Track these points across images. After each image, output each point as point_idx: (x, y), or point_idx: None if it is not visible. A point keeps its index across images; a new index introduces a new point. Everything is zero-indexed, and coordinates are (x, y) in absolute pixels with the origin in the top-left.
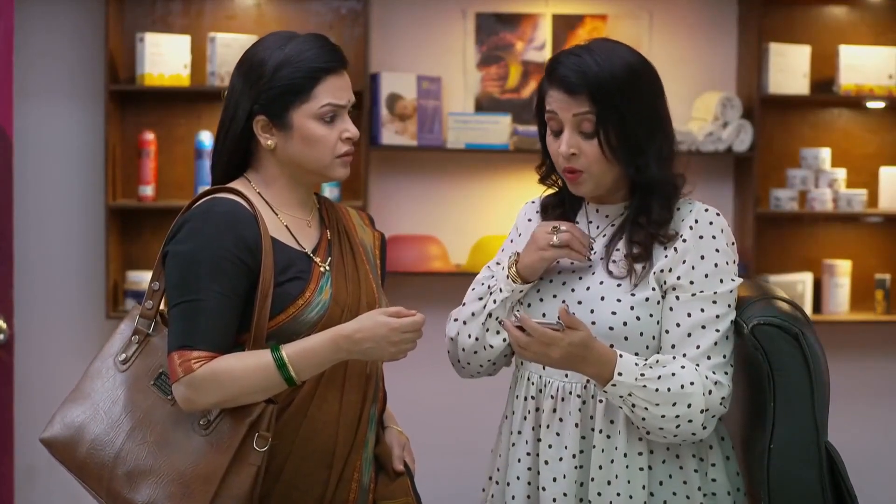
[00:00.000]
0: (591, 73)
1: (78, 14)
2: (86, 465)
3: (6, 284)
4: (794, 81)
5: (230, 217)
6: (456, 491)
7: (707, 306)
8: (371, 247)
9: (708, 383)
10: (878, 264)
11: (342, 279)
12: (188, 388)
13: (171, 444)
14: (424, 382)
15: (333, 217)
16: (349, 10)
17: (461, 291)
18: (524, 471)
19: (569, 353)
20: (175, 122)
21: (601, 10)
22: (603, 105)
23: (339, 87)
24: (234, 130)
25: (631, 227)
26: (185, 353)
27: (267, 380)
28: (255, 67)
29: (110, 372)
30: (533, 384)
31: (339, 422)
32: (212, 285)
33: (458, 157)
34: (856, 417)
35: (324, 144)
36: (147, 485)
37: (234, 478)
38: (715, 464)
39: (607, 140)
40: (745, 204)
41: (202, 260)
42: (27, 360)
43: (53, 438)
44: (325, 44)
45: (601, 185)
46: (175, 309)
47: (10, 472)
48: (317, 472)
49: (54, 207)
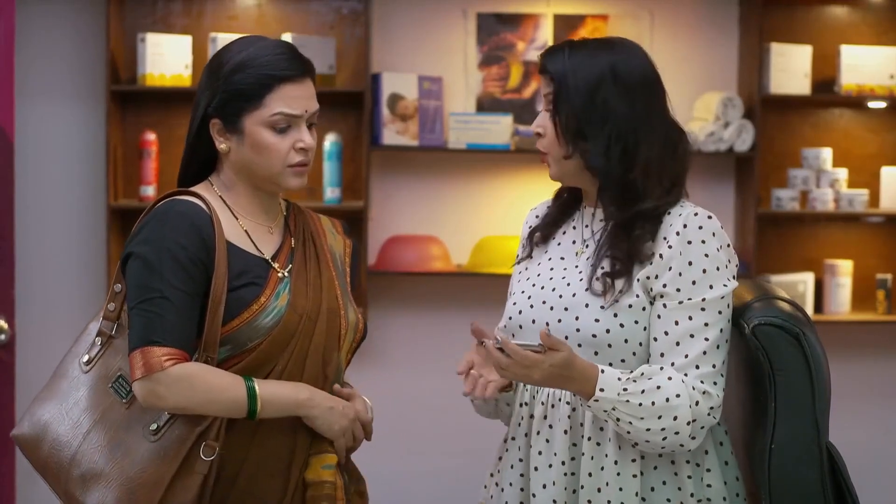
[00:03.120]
0: (559, 58)
1: (79, 14)
2: (47, 465)
3: (7, 284)
4: (795, 81)
5: (187, 218)
6: (456, 491)
7: (695, 314)
8: (341, 254)
9: (695, 394)
10: (880, 264)
11: (302, 285)
12: (158, 385)
13: (123, 449)
14: (425, 382)
15: (300, 223)
16: (350, 11)
17: (462, 292)
18: (517, 477)
19: (550, 374)
20: (176, 123)
21: (602, 10)
22: (560, 87)
23: (294, 96)
24: (194, 131)
25: (612, 238)
26: (150, 349)
27: (234, 403)
28: (215, 69)
29: (75, 372)
30: (527, 390)
31: (296, 428)
32: (174, 282)
33: (460, 158)
34: (857, 417)
35: (273, 153)
36: (97, 488)
37: (180, 485)
38: (710, 469)
39: (561, 121)
40: (746, 204)
41: (162, 259)
42: (28, 360)
43: (21, 435)
44: (285, 51)
45: (564, 171)
46: (136, 308)
47: (12, 471)
48: (273, 478)
49: (55, 208)
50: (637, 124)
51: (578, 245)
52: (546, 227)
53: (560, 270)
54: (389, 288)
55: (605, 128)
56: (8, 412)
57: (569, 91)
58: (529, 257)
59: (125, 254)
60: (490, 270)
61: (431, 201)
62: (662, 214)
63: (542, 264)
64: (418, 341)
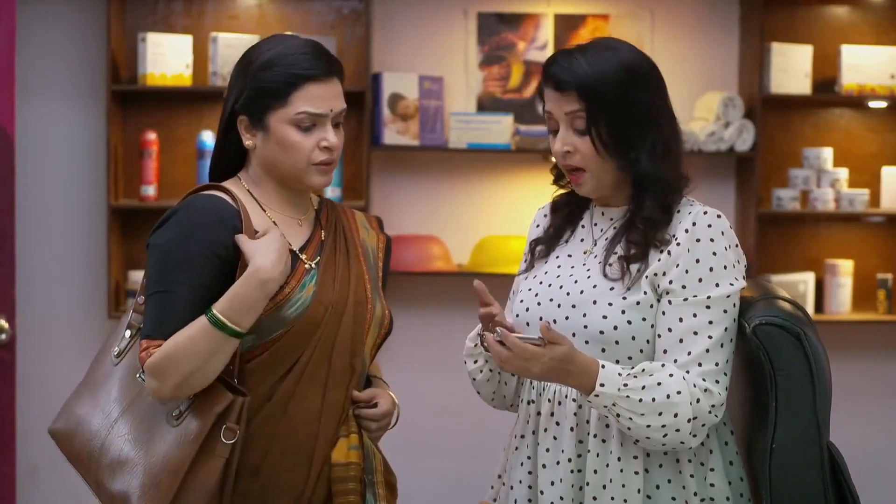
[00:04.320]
0: (581, 71)
1: (80, 14)
2: (79, 456)
3: (8, 284)
4: (795, 81)
5: (209, 212)
6: (456, 491)
7: (700, 311)
8: (374, 249)
9: (696, 391)
10: (880, 264)
11: (330, 278)
12: (150, 377)
13: (149, 436)
14: (425, 382)
15: (332, 218)
16: (351, 10)
17: (463, 291)
18: (525, 474)
19: (550, 368)
20: (177, 122)
21: (603, 9)
22: (591, 101)
23: (319, 95)
24: (223, 127)
25: (629, 228)
26: (147, 342)
27: (213, 342)
28: (244, 65)
29: (107, 366)
30: (533, 388)
31: (320, 419)
32: (182, 278)
33: (460, 157)
34: (858, 417)
35: (297, 151)
36: (124, 475)
37: (201, 469)
38: (714, 469)
39: (599, 136)
40: (746, 204)
41: (176, 253)
42: (29, 360)
43: (56, 430)
44: (311, 50)
45: (602, 183)
46: (149, 299)
47: (13, 470)
48: (296, 469)
49: (56, 207)
50: (663, 121)
51: (588, 244)
52: (549, 241)
53: (568, 268)
54: (390, 287)
55: (647, 128)
56: (8, 412)
57: (601, 101)
58: (532, 267)
59: (147, 243)
60: (491, 270)
61: (432, 201)
62: (673, 208)
63: (550, 263)
64: (419, 341)
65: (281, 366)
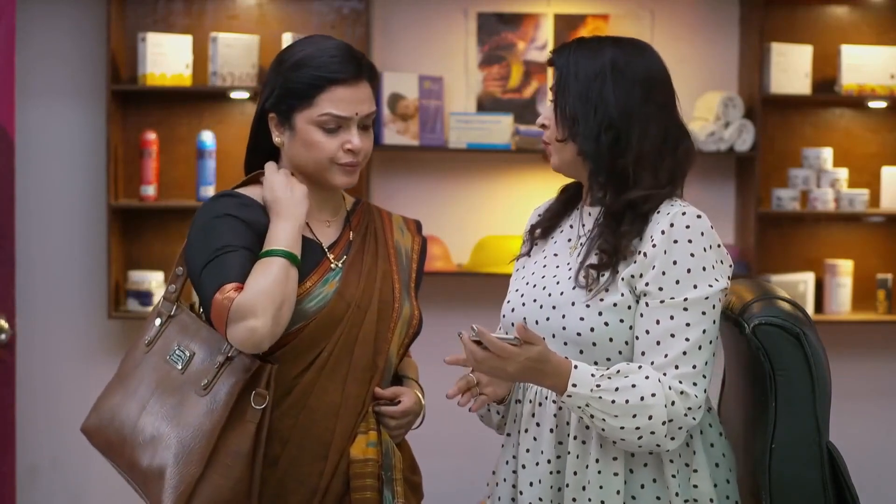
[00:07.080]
0: (566, 49)
1: (80, 14)
2: (111, 442)
3: (8, 284)
4: (795, 81)
5: (239, 201)
6: (456, 491)
7: (677, 314)
8: (408, 250)
9: (671, 394)
10: (880, 264)
11: (355, 276)
12: (243, 317)
13: (179, 410)
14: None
15: (364, 220)
16: (351, 10)
17: (463, 291)
18: (510, 473)
19: (525, 367)
20: (177, 122)
21: (603, 9)
22: (562, 75)
23: (345, 98)
24: (256, 123)
25: (600, 235)
26: (220, 291)
27: (284, 270)
28: (277, 64)
29: (139, 355)
30: (519, 388)
31: (338, 414)
32: (232, 241)
33: (460, 157)
34: (857, 417)
35: (321, 151)
36: (158, 450)
37: (232, 435)
38: (698, 470)
39: (559, 107)
40: (746, 204)
41: (218, 224)
42: (29, 360)
43: (88, 426)
44: (341, 53)
45: (562, 159)
46: (202, 272)
47: (12, 471)
48: (314, 462)
49: (56, 207)
50: (632, 116)
51: (573, 243)
52: (548, 221)
53: (552, 269)
54: None
55: (598, 115)
56: (8, 411)
57: (568, 81)
58: (528, 255)
59: (187, 241)
60: (491, 270)
61: (432, 201)
62: (652, 211)
63: (538, 262)
64: (419, 341)
65: (302, 359)
